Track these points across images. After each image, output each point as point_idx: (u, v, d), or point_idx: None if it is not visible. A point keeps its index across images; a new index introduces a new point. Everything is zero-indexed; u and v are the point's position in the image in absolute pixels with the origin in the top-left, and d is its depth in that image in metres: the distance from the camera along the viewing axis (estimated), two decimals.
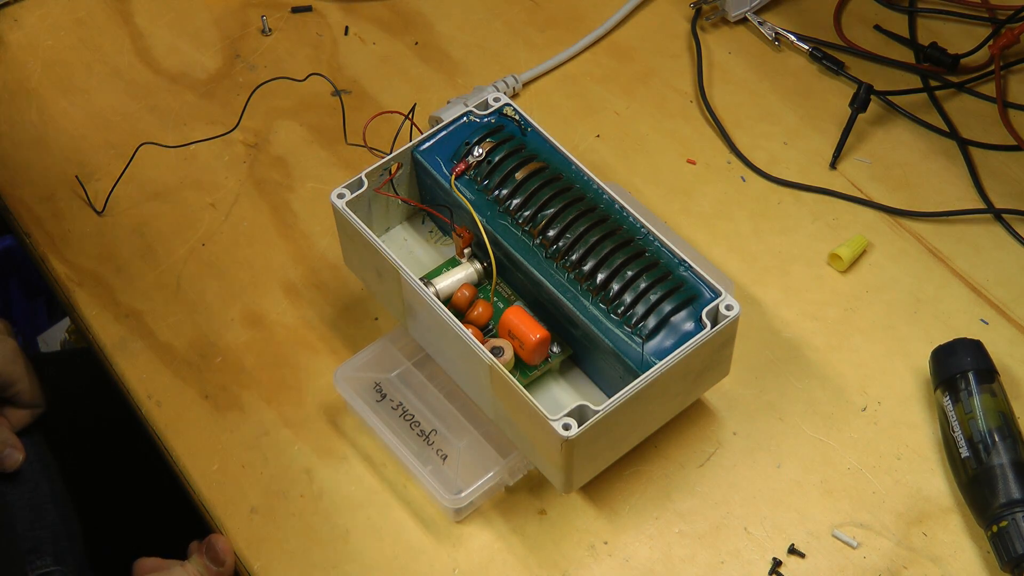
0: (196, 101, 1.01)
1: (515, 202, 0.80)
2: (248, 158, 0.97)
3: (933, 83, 0.99)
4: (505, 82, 0.98)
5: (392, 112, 0.92)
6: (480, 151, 0.82)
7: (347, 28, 1.05)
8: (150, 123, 0.99)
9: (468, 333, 0.74)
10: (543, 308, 0.80)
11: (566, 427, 0.71)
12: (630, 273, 0.76)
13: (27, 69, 1.03)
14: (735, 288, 0.87)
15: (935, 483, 0.80)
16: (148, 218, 0.94)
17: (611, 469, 0.79)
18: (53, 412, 0.90)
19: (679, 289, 0.76)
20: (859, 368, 0.85)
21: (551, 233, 0.79)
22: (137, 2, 1.07)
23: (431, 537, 0.79)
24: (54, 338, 1.42)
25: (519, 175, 0.81)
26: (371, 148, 0.85)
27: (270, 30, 1.05)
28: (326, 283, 0.90)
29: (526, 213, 0.80)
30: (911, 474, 0.80)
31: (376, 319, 0.88)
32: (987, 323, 0.86)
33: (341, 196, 0.80)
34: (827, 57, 1.00)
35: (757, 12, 1.04)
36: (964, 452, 0.77)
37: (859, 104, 0.95)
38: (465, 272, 0.81)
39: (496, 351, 0.76)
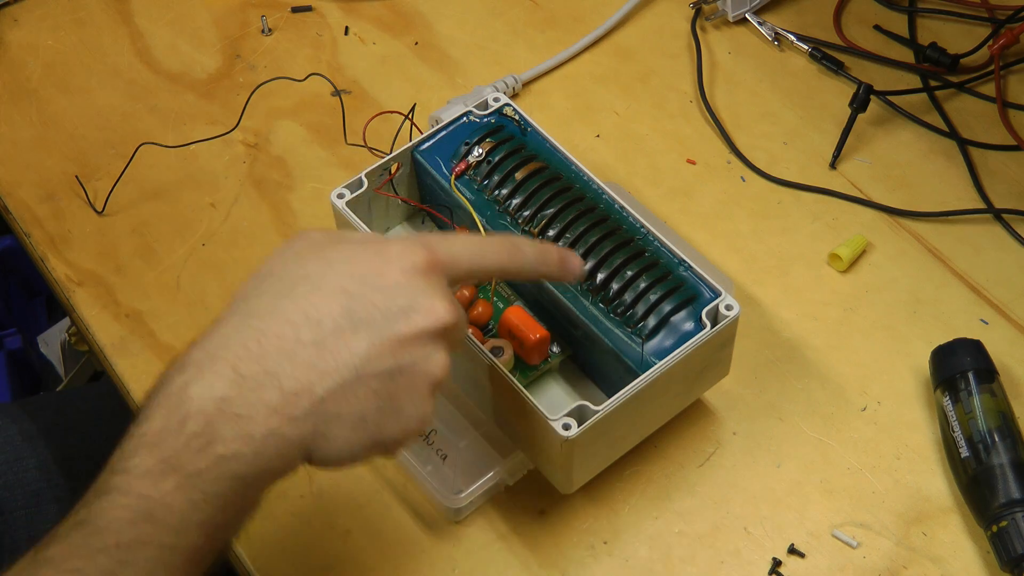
0: (196, 101, 1.01)
1: (515, 202, 0.80)
2: (248, 158, 0.97)
3: (933, 83, 0.99)
4: (505, 82, 0.98)
5: (392, 112, 0.92)
6: (480, 151, 0.82)
7: (347, 28, 1.05)
8: (150, 123, 0.99)
9: (468, 333, 0.74)
10: (543, 308, 0.79)
11: (566, 427, 0.71)
12: (630, 273, 0.76)
13: (27, 69, 1.03)
14: (735, 288, 0.87)
15: (935, 483, 0.80)
16: (148, 218, 0.94)
17: (611, 469, 0.79)
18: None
19: (679, 289, 0.76)
20: (859, 368, 0.85)
21: (551, 233, 0.79)
22: (137, 2, 1.07)
23: (431, 537, 0.79)
24: (54, 338, 1.42)
25: (519, 175, 0.81)
26: (371, 148, 0.86)
27: (270, 30, 1.05)
28: None
29: (526, 213, 0.80)
30: (911, 474, 0.80)
31: None
32: (987, 323, 0.86)
33: (341, 196, 0.80)
34: (827, 57, 1.00)
35: (757, 12, 1.04)
36: (964, 452, 0.77)
37: (859, 104, 0.95)
38: None
39: (496, 351, 0.76)
